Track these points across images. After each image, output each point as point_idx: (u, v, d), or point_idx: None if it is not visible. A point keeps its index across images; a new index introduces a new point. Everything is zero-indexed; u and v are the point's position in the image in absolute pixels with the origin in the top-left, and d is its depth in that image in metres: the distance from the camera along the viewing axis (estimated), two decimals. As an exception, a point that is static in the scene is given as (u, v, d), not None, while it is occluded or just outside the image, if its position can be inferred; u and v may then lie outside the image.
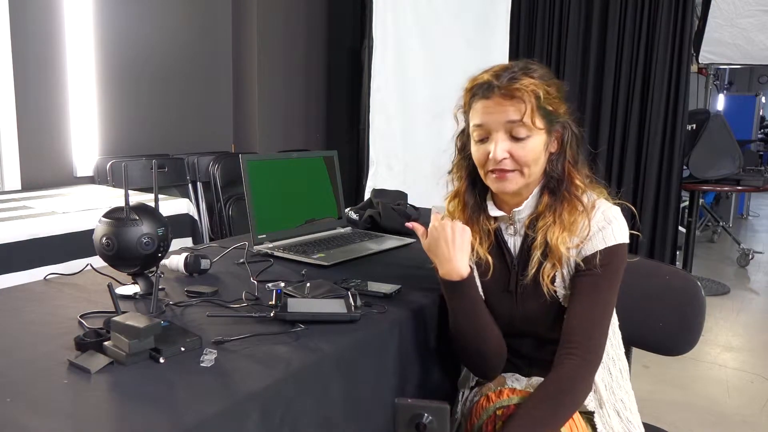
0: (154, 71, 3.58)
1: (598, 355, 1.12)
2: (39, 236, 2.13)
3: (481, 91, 1.15)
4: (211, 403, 0.81)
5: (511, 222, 1.23)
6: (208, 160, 3.58)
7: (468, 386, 1.32)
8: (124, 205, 1.16)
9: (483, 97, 1.14)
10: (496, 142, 1.13)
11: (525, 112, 1.11)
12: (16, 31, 2.89)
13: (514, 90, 1.11)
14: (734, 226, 6.32)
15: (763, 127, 7.59)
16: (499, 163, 1.13)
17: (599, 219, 1.16)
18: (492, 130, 1.14)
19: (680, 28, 3.61)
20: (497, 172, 1.15)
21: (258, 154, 3.23)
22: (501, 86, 1.12)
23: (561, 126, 1.17)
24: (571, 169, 1.19)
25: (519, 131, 1.12)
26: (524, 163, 1.14)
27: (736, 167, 3.83)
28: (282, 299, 1.13)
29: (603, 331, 1.13)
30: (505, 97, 1.12)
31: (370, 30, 4.18)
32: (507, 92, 1.11)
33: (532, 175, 1.16)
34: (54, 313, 1.13)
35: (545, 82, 1.13)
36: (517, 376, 1.23)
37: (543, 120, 1.13)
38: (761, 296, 4.10)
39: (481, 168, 1.19)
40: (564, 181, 1.18)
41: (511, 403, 1.10)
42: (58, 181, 3.12)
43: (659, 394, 2.56)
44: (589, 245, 1.14)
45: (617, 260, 1.14)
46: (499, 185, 1.16)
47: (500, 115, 1.12)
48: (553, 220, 1.16)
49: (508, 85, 1.11)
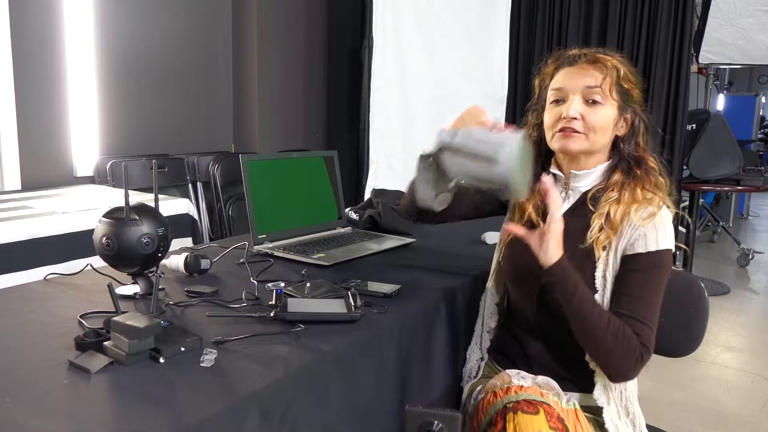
0: (154, 71, 3.58)
1: (651, 345, 1.15)
2: (39, 236, 2.13)
3: (567, 61, 1.24)
4: (211, 403, 0.81)
5: (566, 187, 1.26)
6: (208, 160, 3.58)
7: (468, 381, 1.32)
8: (124, 205, 1.16)
9: (569, 64, 1.23)
10: (571, 102, 1.19)
11: (604, 80, 1.18)
12: (16, 31, 2.89)
13: (598, 57, 1.21)
14: (734, 226, 6.32)
15: (763, 127, 7.60)
16: (570, 122, 1.19)
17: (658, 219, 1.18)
18: (569, 92, 1.21)
19: (680, 28, 3.61)
20: (565, 131, 1.20)
21: (258, 154, 3.22)
22: (588, 54, 1.22)
23: (632, 112, 1.23)
24: (644, 153, 1.24)
25: (594, 95, 1.19)
26: (592, 127, 1.19)
27: (736, 167, 3.83)
28: (282, 299, 1.13)
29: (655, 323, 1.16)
30: (589, 62, 1.21)
31: (370, 30, 4.18)
32: (592, 59, 1.21)
33: (596, 143, 1.21)
34: (54, 313, 1.13)
35: (627, 65, 1.22)
36: (523, 374, 1.23)
37: (618, 95, 1.20)
38: (761, 296, 4.10)
39: (550, 130, 1.24)
40: (641, 160, 1.23)
41: (520, 399, 1.09)
42: (58, 181, 3.11)
43: (659, 394, 2.56)
44: (641, 243, 1.17)
45: (664, 265, 1.18)
46: (563, 142, 1.21)
47: (581, 80, 1.20)
48: (620, 197, 1.19)
49: (595, 53, 1.22)
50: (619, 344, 1.12)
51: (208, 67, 3.92)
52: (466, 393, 1.32)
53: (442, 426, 0.92)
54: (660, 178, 1.23)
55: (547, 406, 1.07)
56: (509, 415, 1.07)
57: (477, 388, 1.26)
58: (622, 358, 1.13)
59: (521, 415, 1.05)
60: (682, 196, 3.90)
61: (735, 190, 4.56)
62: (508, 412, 1.07)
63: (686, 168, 3.82)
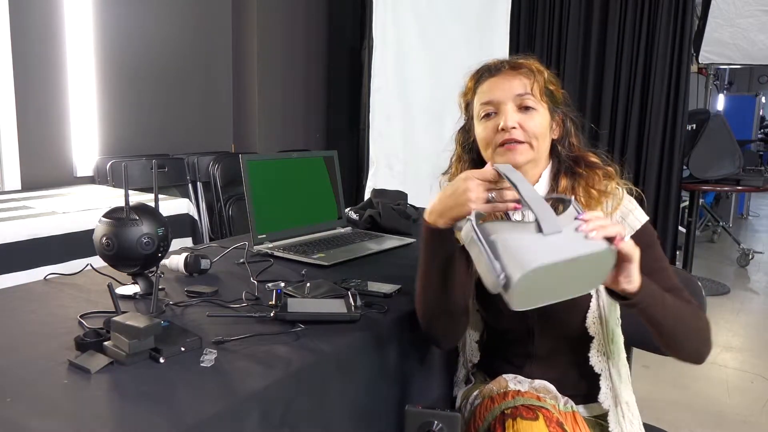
0: (154, 71, 3.58)
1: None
2: (39, 236, 2.13)
3: (488, 72, 1.19)
4: (211, 403, 0.81)
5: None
6: (208, 160, 3.58)
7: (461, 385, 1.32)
8: (124, 205, 1.16)
9: (490, 75, 1.19)
10: (506, 113, 1.14)
11: (533, 85, 1.15)
12: (16, 31, 2.89)
13: (521, 64, 1.18)
14: (734, 226, 6.32)
15: (763, 127, 7.59)
16: (510, 133, 1.13)
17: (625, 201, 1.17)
18: (501, 103, 1.15)
19: (680, 28, 3.61)
20: (507, 144, 1.14)
21: (258, 154, 3.23)
22: (508, 62, 1.19)
23: (561, 113, 1.20)
24: (581, 152, 1.22)
25: (528, 101, 1.15)
26: (533, 134, 1.14)
27: (736, 167, 3.83)
28: (282, 299, 1.13)
29: None
30: (513, 70, 1.17)
31: (370, 30, 4.18)
32: (515, 66, 1.17)
33: (541, 150, 1.17)
34: (54, 313, 1.13)
35: (545, 67, 1.20)
36: (520, 378, 1.21)
37: (547, 99, 1.17)
38: (761, 296, 4.10)
39: (488, 146, 1.17)
40: (580, 159, 1.20)
41: (518, 404, 1.08)
42: (58, 181, 3.12)
43: (659, 394, 2.56)
44: (626, 228, 1.15)
45: (654, 234, 1.17)
46: (509, 156, 1.14)
47: (509, 88, 1.15)
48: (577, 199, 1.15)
49: (515, 60, 1.19)
50: (703, 319, 1.13)
51: (208, 67, 3.92)
52: (460, 399, 1.30)
53: (442, 426, 0.92)
54: (607, 168, 1.20)
55: (546, 410, 1.06)
56: (508, 422, 1.05)
57: (473, 393, 1.25)
58: (708, 331, 1.14)
59: (520, 422, 1.04)
60: (682, 196, 3.90)
61: (735, 190, 4.56)
62: (506, 419, 1.06)
63: (686, 168, 3.82)
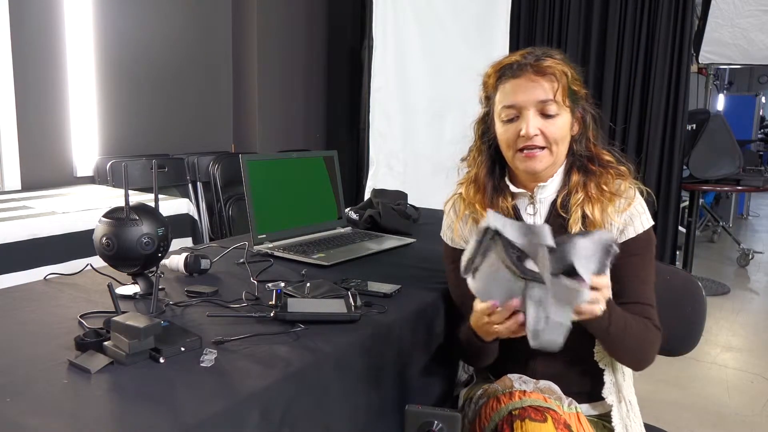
0: (154, 71, 3.58)
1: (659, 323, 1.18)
2: (39, 236, 2.13)
3: (510, 71, 1.16)
4: (211, 403, 0.81)
5: (532, 201, 1.23)
6: (208, 160, 3.58)
7: (462, 384, 1.31)
8: (124, 205, 1.16)
9: (513, 76, 1.15)
10: (528, 120, 1.14)
11: (557, 90, 1.13)
12: (16, 31, 2.89)
13: (545, 67, 1.13)
14: (734, 226, 6.32)
15: (763, 127, 7.59)
16: (530, 140, 1.14)
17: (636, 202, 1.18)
18: (523, 108, 1.14)
19: (680, 28, 3.61)
20: (527, 151, 1.15)
21: (258, 154, 3.22)
22: (532, 64, 1.14)
23: (582, 108, 1.19)
24: (596, 148, 1.22)
25: (550, 108, 1.13)
26: (554, 140, 1.15)
27: (736, 167, 3.83)
28: (282, 299, 1.13)
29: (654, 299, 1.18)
30: (537, 74, 1.13)
31: (370, 30, 4.18)
32: (539, 69, 1.13)
33: (559, 153, 1.17)
34: (54, 313, 1.13)
35: (568, 64, 1.17)
36: (525, 378, 1.21)
37: (569, 99, 1.15)
38: (761, 296, 4.10)
39: (509, 148, 1.18)
40: (594, 157, 1.20)
41: (525, 405, 1.07)
42: (58, 181, 3.12)
43: (659, 394, 2.56)
44: (630, 229, 1.16)
45: (653, 240, 1.19)
46: (528, 164, 1.16)
47: (532, 94, 1.13)
48: (587, 195, 1.17)
49: (539, 62, 1.14)
50: (649, 339, 1.15)
51: (208, 67, 3.92)
52: (462, 398, 1.30)
53: (442, 426, 0.92)
54: (621, 167, 1.21)
55: (554, 412, 1.06)
56: (516, 423, 1.05)
57: (477, 392, 1.25)
58: (650, 353, 1.16)
59: (529, 423, 1.03)
60: (682, 196, 3.90)
61: (735, 190, 4.56)
62: (514, 420, 1.05)
63: (686, 168, 3.82)
